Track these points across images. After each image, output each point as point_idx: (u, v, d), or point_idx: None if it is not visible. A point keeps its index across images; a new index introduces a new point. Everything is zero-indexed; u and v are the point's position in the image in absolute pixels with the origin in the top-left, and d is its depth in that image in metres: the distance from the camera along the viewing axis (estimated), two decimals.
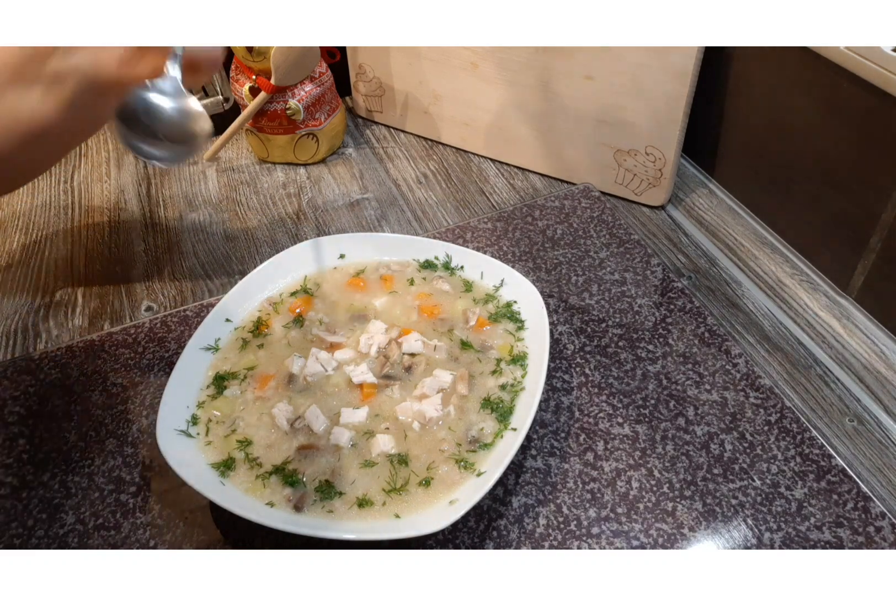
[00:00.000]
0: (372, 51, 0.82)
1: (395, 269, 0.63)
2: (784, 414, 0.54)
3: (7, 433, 0.56)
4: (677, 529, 0.49)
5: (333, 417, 0.52)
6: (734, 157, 0.73)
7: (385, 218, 0.76)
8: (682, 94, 0.65)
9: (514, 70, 0.73)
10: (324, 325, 0.59)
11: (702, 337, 0.60)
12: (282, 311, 0.60)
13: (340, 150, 0.85)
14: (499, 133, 0.79)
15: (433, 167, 0.82)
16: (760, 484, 0.50)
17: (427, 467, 0.50)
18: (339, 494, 0.48)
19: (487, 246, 0.69)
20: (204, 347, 0.56)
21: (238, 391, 0.54)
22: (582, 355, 0.59)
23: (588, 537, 0.48)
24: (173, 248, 0.73)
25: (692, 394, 0.56)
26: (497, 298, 0.60)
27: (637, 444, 0.53)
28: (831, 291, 0.65)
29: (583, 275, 0.66)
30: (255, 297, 0.60)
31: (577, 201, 0.73)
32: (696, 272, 0.68)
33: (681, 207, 0.75)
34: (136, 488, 0.52)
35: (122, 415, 0.57)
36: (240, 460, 0.50)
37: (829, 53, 0.55)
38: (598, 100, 0.70)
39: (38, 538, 0.50)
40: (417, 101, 0.83)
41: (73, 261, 0.72)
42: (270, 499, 0.48)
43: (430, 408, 0.52)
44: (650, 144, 0.70)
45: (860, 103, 0.55)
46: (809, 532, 0.48)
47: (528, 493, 0.51)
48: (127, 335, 0.63)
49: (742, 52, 0.65)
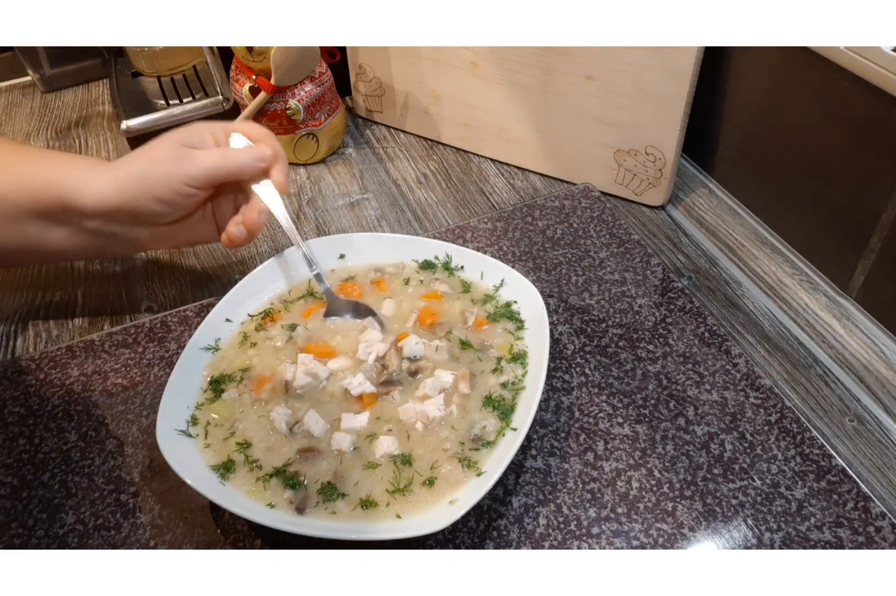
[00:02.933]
0: (372, 51, 0.82)
1: (391, 271, 0.63)
2: (784, 414, 0.54)
3: (7, 433, 0.56)
4: (677, 529, 0.49)
5: (334, 422, 0.52)
6: (734, 157, 0.73)
7: (385, 218, 0.76)
8: (682, 94, 0.65)
9: (514, 70, 0.73)
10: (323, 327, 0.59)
11: (702, 337, 0.60)
12: (292, 309, 0.60)
13: (340, 150, 0.85)
14: (499, 133, 0.79)
15: (433, 167, 0.82)
16: (760, 484, 0.50)
17: (431, 467, 0.50)
18: (342, 496, 0.48)
19: (487, 246, 0.69)
20: (204, 346, 0.56)
21: (236, 394, 0.54)
22: (582, 355, 0.59)
23: (588, 537, 0.48)
24: (173, 249, 0.73)
25: (692, 394, 0.56)
26: (496, 298, 0.60)
27: (637, 444, 0.53)
28: (831, 291, 0.65)
29: (583, 275, 0.66)
30: (255, 297, 0.60)
31: (577, 201, 0.73)
32: (696, 272, 0.68)
33: (681, 207, 0.75)
34: (136, 488, 0.52)
35: (122, 415, 0.57)
36: (239, 463, 0.50)
37: (829, 53, 0.55)
38: (598, 100, 0.70)
39: (38, 538, 0.50)
40: (417, 101, 0.83)
41: (73, 261, 0.72)
42: (271, 501, 0.48)
43: (432, 408, 0.52)
44: (650, 144, 0.70)
45: (860, 103, 0.55)
46: (809, 532, 0.48)
47: (528, 493, 0.51)
48: (127, 335, 0.62)
49: (742, 52, 0.65)
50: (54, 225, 0.55)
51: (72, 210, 0.53)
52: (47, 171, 0.53)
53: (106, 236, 0.56)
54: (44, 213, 0.53)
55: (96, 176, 0.53)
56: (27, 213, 0.53)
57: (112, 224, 0.55)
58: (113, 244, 0.57)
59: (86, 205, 0.53)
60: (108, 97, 0.94)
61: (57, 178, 0.53)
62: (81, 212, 0.53)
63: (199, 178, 0.53)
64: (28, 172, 0.53)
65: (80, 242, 0.56)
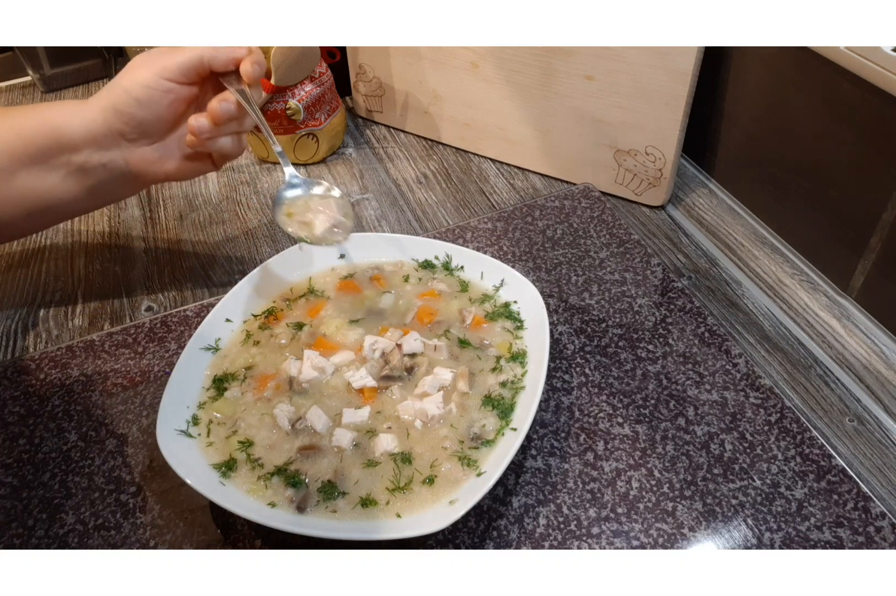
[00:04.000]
0: (372, 51, 0.82)
1: (390, 269, 0.63)
2: (784, 414, 0.54)
3: (7, 433, 0.56)
4: (677, 529, 0.49)
5: (335, 417, 0.52)
6: (734, 157, 0.73)
7: (385, 218, 0.76)
8: (682, 94, 0.65)
9: (514, 70, 0.73)
10: (326, 328, 0.59)
11: (702, 337, 0.60)
12: (295, 307, 0.60)
13: (340, 150, 0.85)
14: (499, 133, 0.79)
15: (433, 167, 0.82)
16: (760, 484, 0.50)
17: (430, 465, 0.50)
18: (343, 494, 0.48)
19: (487, 246, 0.69)
20: (204, 346, 0.56)
21: (238, 393, 0.54)
22: (582, 355, 0.59)
23: (588, 537, 0.48)
24: (173, 248, 0.73)
25: (692, 394, 0.56)
26: (494, 298, 0.60)
27: (637, 444, 0.53)
28: (831, 291, 0.65)
29: (583, 275, 0.66)
30: (255, 296, 0.60)
31: (577, 201, 0.73)
32: (696, 272, 0.68)
33: (681, 207, 0.75)
34: (136, 488, 0.52)
35: (122, 415, 0.57)
36: (241, 461, 0.50)
37: (829, 53, 0.55)
38: (598, 100, 0.70)
39: (38, 538, 0.50)
40: (417, 101, 0.83)
41: (73, 261, 0.72)
42: (272, 499, 0.48)
43: (431, 406, 0.52)
44: (650, 144, 0.70)
45: (860, 103, 0.55)
46: (809, 532, 0.48)
47: (528, 493, 0.51)
48: (127, 335, 0.63)
49: (742, 52, 0.65)
50: (46, 170, 0.55)
51: (62, 145, 0.55)
52: (38, 114, 0.55)
53: (96, 172, 0.56)
54: (35, 156, 0.55)
55: (82, 106, 0.56)
56: (20, 160, 0.54)
57: (100, 153, 0.56)
58: (104, 182, 0.57)
59: (73, 134, 0.54)
60: None
61: (47, 116, 0.55)
62: (70, 144, 0.54)
63: (172, 68, 0.54)
64: (19, 119, 0.55)
65: (72, 187, 0.57)
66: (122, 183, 0.59)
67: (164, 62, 0.54)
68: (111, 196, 0.63)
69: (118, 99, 0.54)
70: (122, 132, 0.55)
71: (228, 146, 0.57)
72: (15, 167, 0.55)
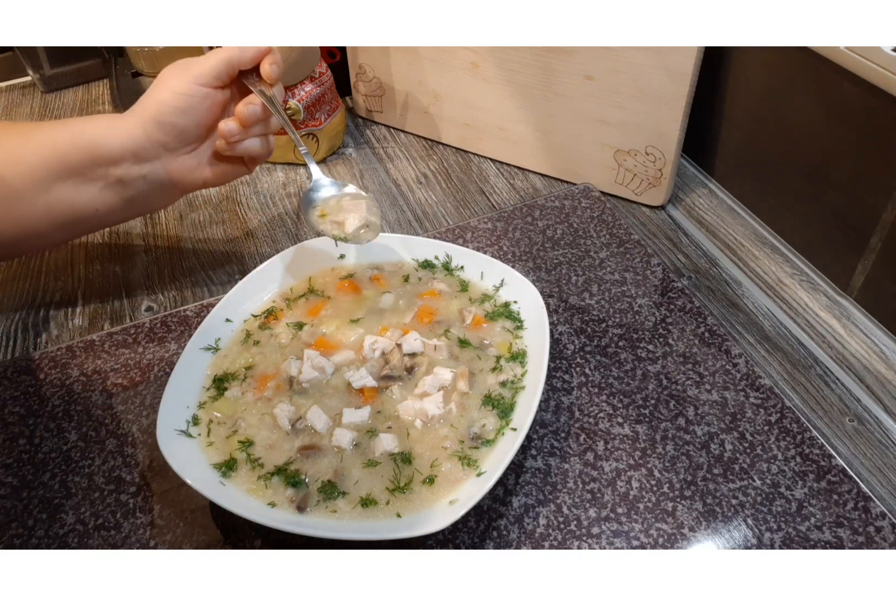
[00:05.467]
0: (372, 51, 0.82)
1: (389, 269, 0.63)
2: (784, 414, 0.54)
3: (7, 433, 0.56)
4: (677, 529, 0.49)
5: (335, 417, 0.52)
6: (734, 157, 0.73)
7: (385, 218, 0.76)
8: (682, 94, 0.65)
9: (514, 70, 0.73)
10: (326, 327, 0.59)
11: (702, 337, 0.60)
12: (295, 307, 0.60)
13: (340, 150, 0.85)
14: (499, 133, 0.79)
15: (433, 167, 0.82)
16: (760, 484, 0.50)
17: (430, 465, 0.50)
18: (343, 494, 0.48)
19: (487, 246, 0.69)
20: (204, 346, 0.56)
21: (239, 392, 0.54)
22: (582, 355, 0.59)
23: (588, 537, 0.48)
24: (173, 248, 0.73)
25: (692, 394, 0.56)
26: (494, 297, 0.60)
27: (637, 444, 0.53)
28: (831, 291, 0.65)
29: (583, 275, 0.66)
30: (255, 296, 0.60)
31: (577, 201, 0.73)
32: (696, 272, 0.68)
33: (681, 207, 0.75)
34: (136, 488, 0.52)
35: (122, 415, 0.57)
36: (241, 461, 0.50)
37: (829, 53, 0.55)
38: (598, 100, 0.70)
39: (38, 538, 0.50)
40: (417, 101, 0.83)
41: (73, 261, 0.72)
42: (272, 499, 0.48)
43: (431, 406, 0.52)
44: (650, 144, 0.70)
45: (860, 103, 0.55)
46: (809, 532, 0.48)
47: (528, 493, 0.51)
48: (127, 335, 0.63)
49: (742, 52, 0.65)
50: (83, 183, 0.56)
51: (100, 159, 0.55)
52: (71, 129, 0.56)
53: (135, 184, 0.57)
54: (72, 170, 0.55)
55: (117, 121, 0.56)
56: (56, 174, 0.55)
57: (140, 165, 0.56)
58: (143, 193, 0.58)
59: (112, 149, 0.55)
60: (108, 97, 0.94)
61: (82, 131, 0.55)
62: (108, 157, 0.55)
63: (205, 74, 0.55)
64: (52, 134, 0.55)
65: (110, 199, 0.57)
66: (161, 193, 0.60)
67: (195, 70, 0.55)
68: (148, 206, 0.64)
69: (158, 111, 0.55)
70: (163, 143, 0.56)
71: (257, 148, 0.58)
72: (51, 180, 0.55)
